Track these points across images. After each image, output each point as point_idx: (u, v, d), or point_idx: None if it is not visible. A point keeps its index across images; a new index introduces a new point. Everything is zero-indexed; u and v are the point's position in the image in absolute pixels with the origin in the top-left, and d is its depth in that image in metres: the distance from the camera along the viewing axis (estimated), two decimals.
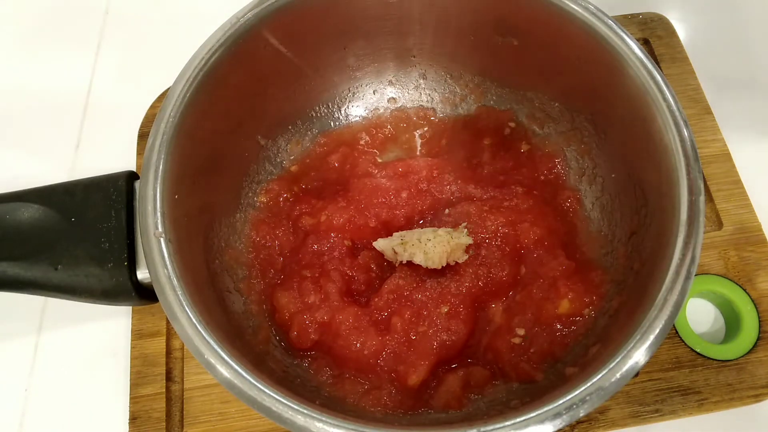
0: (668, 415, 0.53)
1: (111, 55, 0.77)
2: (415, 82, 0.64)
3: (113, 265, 0.45)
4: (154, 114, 0.66)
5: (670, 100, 0.46)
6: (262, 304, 0.54)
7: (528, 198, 0.57)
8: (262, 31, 0.51)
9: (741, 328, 0.56)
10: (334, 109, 0.63)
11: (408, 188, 0.59)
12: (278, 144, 0.61)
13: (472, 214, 0.56)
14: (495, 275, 0.53)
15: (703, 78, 0.68)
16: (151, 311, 0.58)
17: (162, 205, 0.44)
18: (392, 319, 0.51)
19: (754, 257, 0.59)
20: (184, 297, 0.41)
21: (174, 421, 0.54)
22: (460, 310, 0.52)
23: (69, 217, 0.46)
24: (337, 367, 0.51)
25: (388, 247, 0.53)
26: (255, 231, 0.57)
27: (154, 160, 0.45)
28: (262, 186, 0.59)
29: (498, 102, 0.63)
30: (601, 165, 0.57)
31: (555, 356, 0.50)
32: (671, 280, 0.40)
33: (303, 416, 0.37)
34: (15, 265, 0.45)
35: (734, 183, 0.62)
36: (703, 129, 0.65)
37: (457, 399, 0.49)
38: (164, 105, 0.47)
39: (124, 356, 0.58)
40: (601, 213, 0.56)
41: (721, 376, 0.54)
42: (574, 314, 0.51)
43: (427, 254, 0.51)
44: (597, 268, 0.53)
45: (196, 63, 0.48)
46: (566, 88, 0.57)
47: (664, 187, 0.45)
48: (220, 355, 0.39)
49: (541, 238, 0.54)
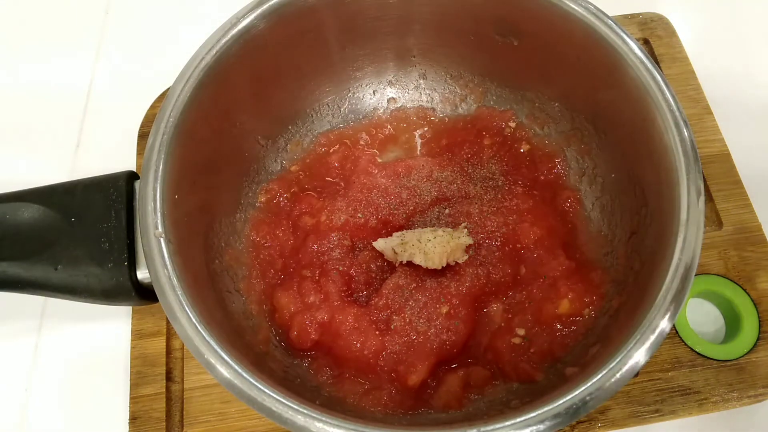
0: (668, 415, 0.53)
1: (111, 55, 0.77)
2: (415, 82, 0.64)
3: (113, 265, 0.45)
4: (154, 114, 0.66)
5: (670, 100, 0.46)
6: (262, 304, 0.54)
7: (528, 198, 0.57)
8: (262, 31, 0.51)
9: (741, 328, 0.56)
10: (334, 109, 0.63)
11: (408, 188, 0.59)
12: (278, 144, 0.61)
13: (472, 214, 0.56)
14: (495, 275, 0.53)
15: (703, 78, 0.68)
16: (151, 311, 0.58)
17: (162, 205, 0.44)
18: (392, 319, 0.51)
19: (754, 257, 0.59)
20: (184, 297, 0.41)
21: (174, 421, 0.54)
22: (460, 310, 0.52)
23: (69, 217, 0.46)
24: (337, 367, 0.51)
25: (388, 247, 0.53)
26: (255, 231, 0.57)
27: (154, 160, 0.45)
28: (262, 186, 0.59)
29: (498, 102, 0.63)
30: (601, 165, 0.57)
31: (555, 356, 0.50)
32: (671, 280, 0.40)
33: (303, 416, 0.37)
34: (15, 265, 0.45)
35: (734, 183, 0.62)
36: (703, 129, 0.65)
37: (457, 399, 0.49)
38: (164, 105, 0.47)
39: (124, 356, 0.58)
40: (601, 213, 0.56)
41: (721, 376, 0.54)
42: (574, 314, 0.51)
43: (427, 254, 0.51)
44: (597, 268, 0.53)
45: (196, 63, 0.48)
46: (566, 88, 0.57)
47: (664, 187, 0.45)
48: (220, 355, 0.39)
49: (541, 238, 0.54)
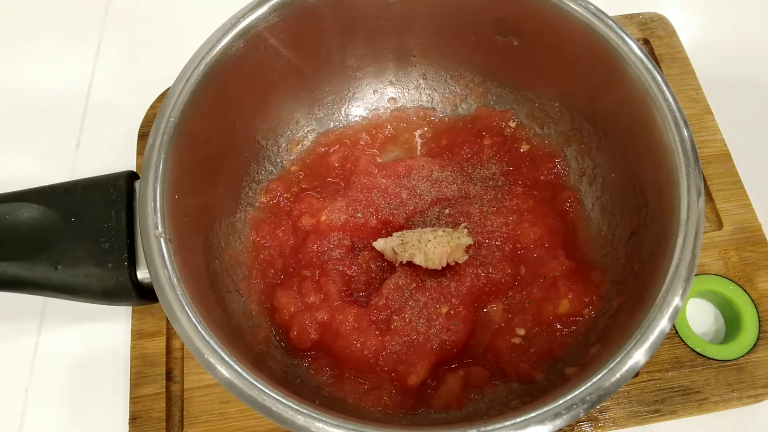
0: (668, 415, 0.53)
1: (111, 55, 0.77)
2: (415, 82, 0.64)
3: (113, 265, 0.45)
4: (154, 114, 0.66)
5: (670, 100, 0.46)
6: (262, 304, 0.54)
7: (528, 198, 0.57)
8: (262, 31, 0.51)
9: (741, 328, 0.56)
10: (334, 109, 0.63)
11: (408, 188, 0.59)
12: (278, 144, 0.61)
13: (472, 214, 0.56)
14: (495, 275, 0.53)
15: (703, 78, 0.68)
16: (151, 311, 0.58)
17: (162, 205, 0.44)
18: (392, 319, 0.51)
19: (754, 257, 0.59)
20: (184, 297, 0.41)
21: (174, 421, 0.54)
22: (460, 310, 0.51)
23: (69, 217, 0.46)
24: (337, 367, 0.51)
25: (388, 247, 0.53)
26: (255, 231, 0.57)
27: (154, 160, 0.45)
28: (262, 186, 0.59)
29: (498, 102, 0.63)
30: (601, 165, 0.57)
31: (555, 356, 0.50)
32: (671, 280, 0.40)
33: (303, 416, 0.37)
34: (15, 265, 0.45)
35: (734, 183, 0.62)
36: (703, 129, 0.65)
37: (457, 399, 0.49)
38: (164, 105, 0.47)
39: (124, 356, 0.58)
40: (601, 213, 0.56)
41: (721, 376, 0.54)
42: (574, 314, 0.51)
43: (427, 255, 0.51)
44: (597, 268, 0.53)
45: (196, 63, 0.48)
46: (566, 88, 0.57)
47: (664, 187, 0.45)
48: (220, 355, 0.39)
49: (541, 238, 0.54)
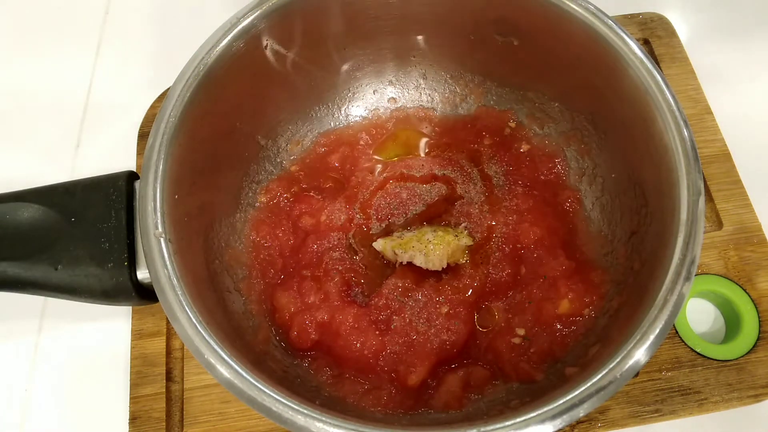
0: (668, 415, 0.53)
1: (111, 55, 0.77)
2: (415, 82, 0.64)
3: (113, 265, 0.45)
4: (154, 114, 0.66)
5: (670, 100, 0.46)
6: (262, 304, 0.54)
7: (528, 198, 0.57)
8: (262, 32, 0.51)
9: (741, 328, 0.56)
10: (334, 109, 0.63)
11: (408, 188, 0.59)
12: (278, 144, 0.61)
13: (472, 214, 0.56)
14: (495, 275, 0.53)
15: (703, 78, 0.68)
16: (151, 311, 0.58)
17: (162, 205, 0.44)
18: (392, 319, 0.51)
19: (754, 257, 0.59)
20: (184, 297, 0.41)
21: (174, 421, 0.54)
22: (460, 310, 0.52)
23: (69, 217, 0.46)
24: (337, 367, 0.51)
25: (388, 247, 0.53)
26: (255, 231, 0.57)
27: (154, 160, 0.45)
28: (262, 186, 0.59)
29: (498, 102, 0.63)
30: (601, 165, 0.57)
31: (555, 356, 0.50)
32: (671, 280, 0.40)
33: (303, 416, 0.37)
34: (15, 265, 0.45)
35: (734, 183, 0.62)
36: (703, 129, 0.65)
37: (457, 399, 0.49)
38: (164, 105, 0.47)
39: (124, 356, 0.58)
40: (601, 213, 0.56)
41: (721, 376, 0.54)
42: (574, 314, 0.51)
43: (428, 256, 0.51)
44: (597, 268, 0.53)
45: (196, 63, 0.48)
46: (566, 88, 0.57)
47: (664, 187, 0.45)
48: (220, 355, 0.39)
49: (541, 238, 0.54)
